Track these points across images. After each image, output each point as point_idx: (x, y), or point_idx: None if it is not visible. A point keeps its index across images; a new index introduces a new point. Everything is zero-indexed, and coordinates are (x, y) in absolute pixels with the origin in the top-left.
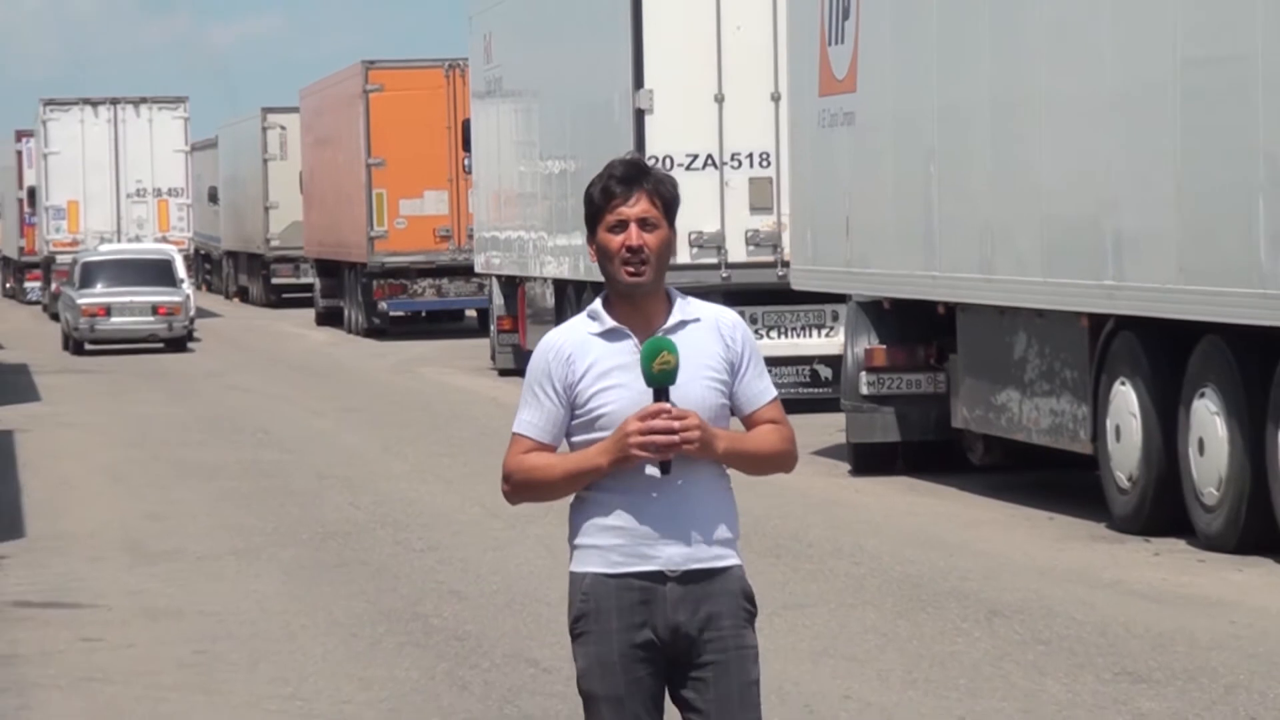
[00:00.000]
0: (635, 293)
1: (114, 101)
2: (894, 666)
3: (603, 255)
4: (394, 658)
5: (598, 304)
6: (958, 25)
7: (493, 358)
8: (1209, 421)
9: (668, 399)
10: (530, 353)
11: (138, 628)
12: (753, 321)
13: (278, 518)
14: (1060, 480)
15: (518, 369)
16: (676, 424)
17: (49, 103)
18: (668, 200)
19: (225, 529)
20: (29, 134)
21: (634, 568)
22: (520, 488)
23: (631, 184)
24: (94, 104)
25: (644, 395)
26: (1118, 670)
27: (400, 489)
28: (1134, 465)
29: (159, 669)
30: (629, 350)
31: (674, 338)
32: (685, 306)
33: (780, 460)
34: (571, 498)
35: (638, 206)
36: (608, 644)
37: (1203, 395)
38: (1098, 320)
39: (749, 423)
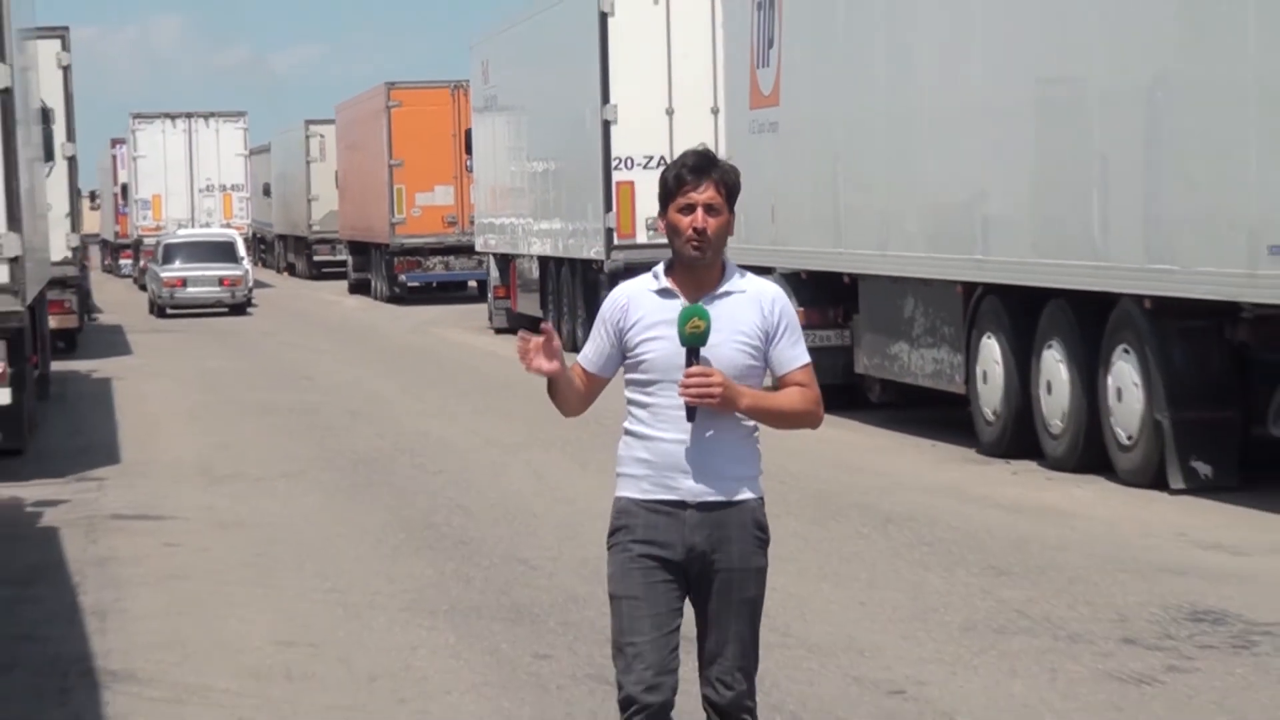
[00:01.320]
0: (695, 264)
1: (188, 115)
2: (810, 563)
3: (671, 231)
4: (412, 559)
5: (661, 265)
6: (859, 52)
7: (490, 319)
8: (1055, 368)
9: (698, 358)
10: (520, 315)
11: (209, 535)
12: None
13: (319, 447)
14: (940, 415)
15: (510, 328)
16: (701, 381)
17: (137, 116)
18: (731, 189)
19: (277, 456)
20: (121, 141)
21: (660, 495)
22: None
23: (701, 173)
24: (173, 117)
25: (680, 350)
26: (984, 566)
27: (416, 424)
28: (997, 403)
29: (226, 568)
30: (675, 310)
31: (716, 305)
32: (735, 279)
33: (802, 418)
34: (622, 435)
35: (705, 193)
36: (630, 553)
37: (1050, 347)
38: (969, 287)
39: (781, 383)
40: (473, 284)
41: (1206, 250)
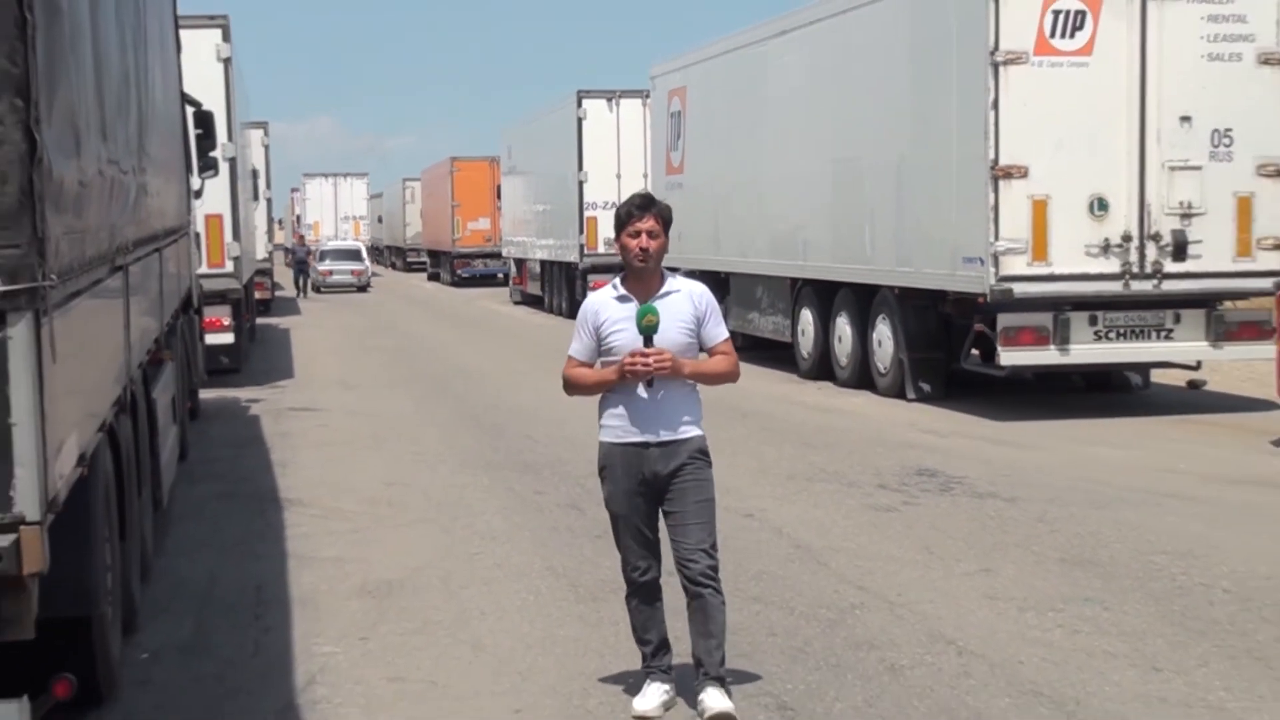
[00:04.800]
0: (641, 273)
1: (335, 174)
2: None
3: (623, 249)
4: (465, 437)
5: (619, 278)
6: (730, 143)
7: (510, 297)
8: (844, 328)
9: (651, 343)
10: (532, 295)
11: (344, 420)
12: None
13: (408, 370)
14: (776, 355)
15: (523, 302)
16: (653, 359)
17: (306, 175)
18: (666, 220)
19: (385, 375)
20: (296, 189)
21: (631, 439)
22: (569, 385)
23: (644, 208)
24: (326, 175)
25: (638, 339)
26: (801, 442)
27: (466, 358)
28: (810, 347)
29: (355, 440)
30: (631, 309)
31: (661, 302)
32: (672, 282)
33: (726, 376)
34: (599, 396)
35: (647, 223)
36: (617, 483)
37: (841, 315)
38: (795, 280)
39: (710, 353)
40: (500, 276)
41: (928, 259)
